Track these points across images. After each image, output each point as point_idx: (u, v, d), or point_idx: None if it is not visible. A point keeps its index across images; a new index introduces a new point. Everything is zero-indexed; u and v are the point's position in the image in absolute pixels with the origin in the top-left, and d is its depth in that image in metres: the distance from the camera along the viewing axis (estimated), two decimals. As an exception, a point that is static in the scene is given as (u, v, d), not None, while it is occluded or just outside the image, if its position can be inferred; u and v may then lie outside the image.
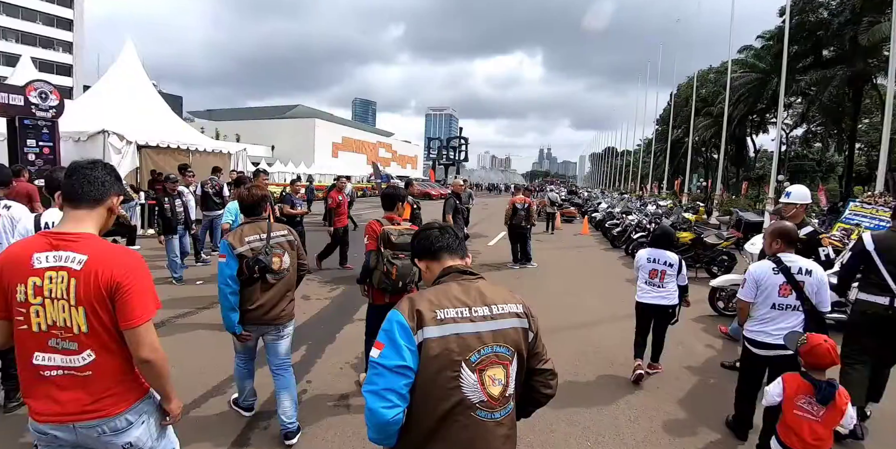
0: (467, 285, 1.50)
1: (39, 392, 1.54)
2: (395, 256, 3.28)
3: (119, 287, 1.52)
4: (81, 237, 1.55)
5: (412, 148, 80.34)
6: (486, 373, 1.38)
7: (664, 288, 4.13)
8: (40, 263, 1.50)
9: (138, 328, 1.55)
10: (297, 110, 68.74)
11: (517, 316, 1.49)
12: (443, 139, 77.70)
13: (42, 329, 1.51)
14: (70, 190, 1.59)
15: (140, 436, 1.66)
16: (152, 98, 13.58)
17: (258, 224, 3.00)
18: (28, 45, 52.51)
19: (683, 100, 38.92)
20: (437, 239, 1.62)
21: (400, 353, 1.33)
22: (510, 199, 8.67)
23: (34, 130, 9.26)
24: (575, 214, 19.64)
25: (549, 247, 11.77)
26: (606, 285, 7.86)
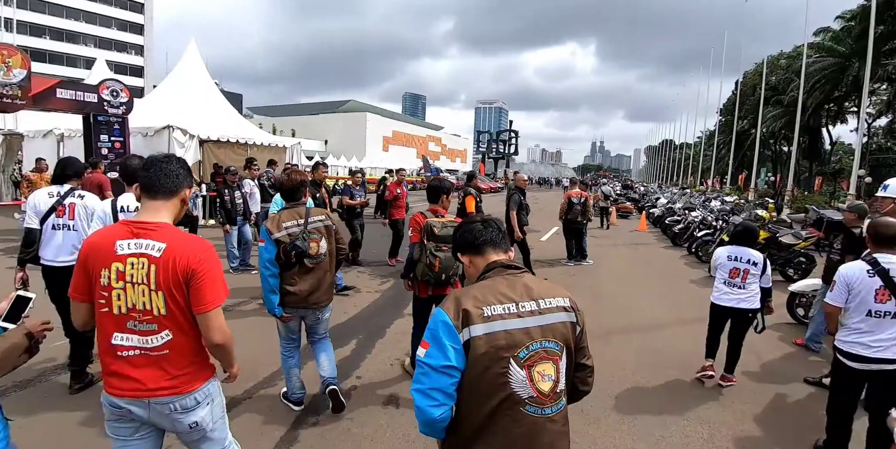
0: (513, 280, 1.46)
1: (118, 370, 1.65)
2: (437, 248, 3.24)
3: (194, 274, 1.62)
4: (159, 227, 1.65)
5: (461, 141, 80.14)
6: (535, 369, 1.35)
7: (745, 289, 3.77)
8: (122, 250, 1.61)
9: (210, 313, 1.65)
10: (350, 105, 70.05)
11: (565, 310, 1.45)
12: (492, 132, 76.92)
13: (122, 311, 1.62)
14: (148, 182, 1.70)
15: (205, 417, 1.76)
16: (213, 95, 14.10)
17: (296, 210, 3.06)
18: (104, 49, 56.34)
19: (750, 88, 36.50)
20: (481, 233, 1.58)
21: (445, 353, 1.33)
22: (566, 193, 8.31)
23: (106, 126, 9.81)
24: (631, 210, 18.78)
25: (604, 243, 11.28)
26: (669, 286, 7.39)
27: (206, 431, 1.79)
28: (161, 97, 13.18)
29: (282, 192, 3.23)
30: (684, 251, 10.31)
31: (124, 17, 60.94)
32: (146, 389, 1.64)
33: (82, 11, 57.32)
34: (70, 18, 56.46)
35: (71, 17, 56.60)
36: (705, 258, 9.02)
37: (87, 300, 1.68)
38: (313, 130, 53.93)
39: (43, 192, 3.51)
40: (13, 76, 8.36)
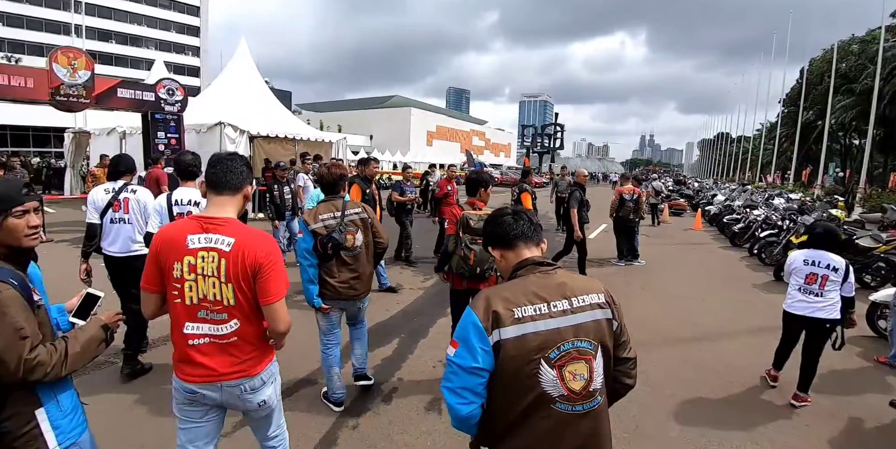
0: (546, 278, 1.42)
1: (190, 357, 1.75)
2: (473, 240, 3.21)
3: (261, 267, 1.72)
4: (227, 222, 1.75)
5: (506, 136, 79.25)
6: (567, 368, 1.33)
7: (823, 298, 3.41)
8: (194, 244, 1.70)
9: (276, 304, 1.76)
10: (394, 100, 70.51)
11: (599, 307, 1.41)
12: (537, 126, 75.52)
13: (194, 302, 1.72)
14: (214, 178, 1.78)
15: (270, 395, 1.91)
16: (263, 92, 14.44)
17: (333, 202, 3.10)
18: (164, 51, 59.70)
19: (817, 77, 34.04)
20: (511, 226, 1.52)
21: (473, 355, 1.32)
22: (616, 190, 7.90)
23: (163, 123, 10.21)
24: (685, 207, 17.76)
25: (657, 242, 10.74)
26: (730, 290, 6.88)
27: (272, 408, 1.95)
28: (213, 95, 13.62)
29: (321, 184, 3.27)
30: (744, 252, 9.64)
31: (182, 21, 64.04)
32: (218, 374, 1.76)
33: (144, 16, 60.56)
34: (133, 23, 59.81)
35: (134, 22, 59.96)
36: (769, 261, 8.40)
37: (158, 291, 1.77)
38: (359, 125, 54.68)
39: (100, 188, 3.73)
40: (78, 77, 8.81)
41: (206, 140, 11.08)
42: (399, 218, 7.57)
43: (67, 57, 8.69)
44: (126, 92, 9.62)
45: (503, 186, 32.87)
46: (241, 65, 14.18)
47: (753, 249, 9.03)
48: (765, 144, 45.61)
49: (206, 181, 1.83)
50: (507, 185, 33.15)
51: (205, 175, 1.85)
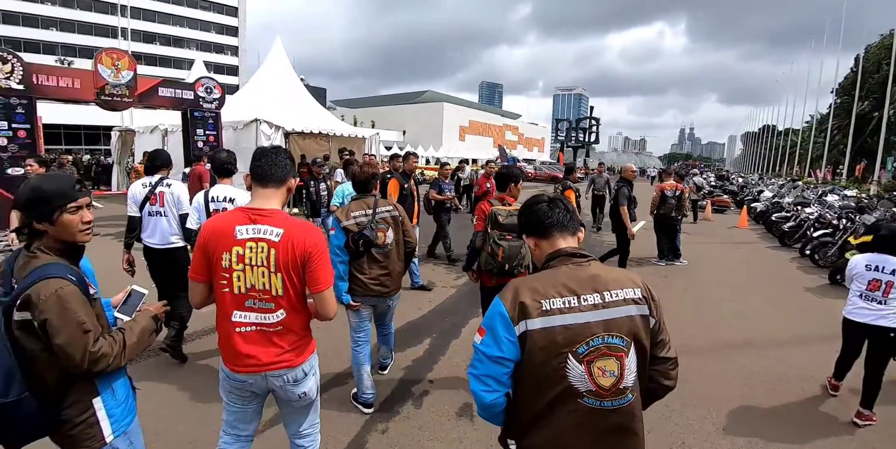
0: (578, 270, 1.37)
1: (236, 346, 1.80)
2: (501, 236, 3.17)
3: (310, 257, 1.77)
4: (274, 213, 1.79)
5: (539, 130, 78.17)
6: (596, 364, 1.28)
7: (887, 305, 3.13)
8: (242, 235, 1.74)
9: (325, 292, 1.84)
10: (427, 96, 70.55)
11: (635, 302, 1.34)
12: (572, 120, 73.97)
13: (242, 291, 1.76)
14: (260, 171, 1.83)
15: (311, 387, 1.94)
16: (298, 89, 14.60)
17: (365, 200, 3.15)
18: (204, 51, 61.62)
19: (874, 64, 32.01)
20: (546, 214, 1.48)
21: (499, 344, 1.31)
22: (657, 186, 7.53)
23: (201, 121, 10.43)
24: (729, 204, 16.92)
25: (699, 241, 10.23)
26: (780, 293, 6.46)
27: (311, 398, 1.98)
28: (250, 93, 13.86)
29: (354, 183, 3.30)
30: (795, 253, 9.07)
31: (221, 21, 65.96)
32: (262, 364, 1.80)
33: (185, 18, 62.66)
34: (175, 25, 61.90)
35: (176, 24, 62.04)
36: (823, 262, 7.88)
37: (206, 281, 1.82)
38: (392, 121, 55.05)
39: (138, 183, 3.89)
40: (122, 77, 9.07)
41: (243, 136, 11.28)
42: (438, 216, 7.40)
43: (111, 58, 8.96)
44: (167, 91, 9.87)
45: (537, 182, 32.44)
46: (276, 63, 14.38)
47: (805, 250, 8.49)
48: (814, 137, 43.22)
49: (251, 174, 1.86)
50: (542, 181, 32.80)
51: (250, 168, 1.87)
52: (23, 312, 1.39)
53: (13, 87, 7.92)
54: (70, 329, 1.39)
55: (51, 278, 1.40)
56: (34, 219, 1.46)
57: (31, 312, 1.38)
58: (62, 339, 1.38)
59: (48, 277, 1.40)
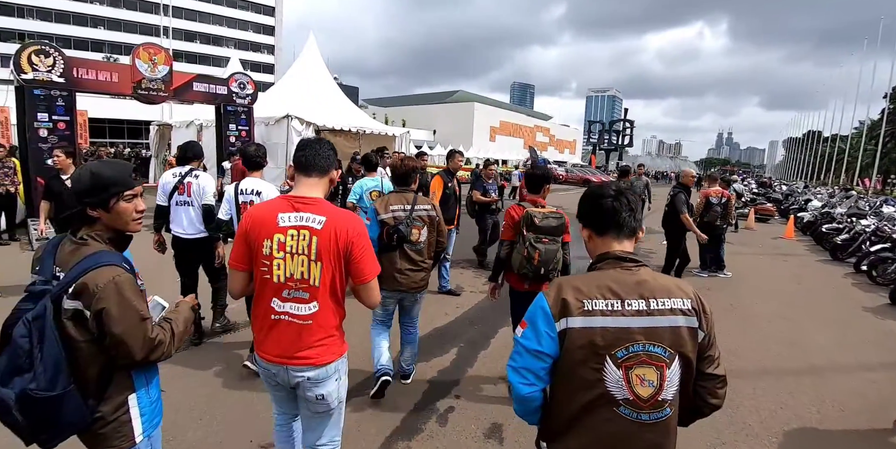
0: (625, 275, 1.32)
1: (268, 332, 1.78)
2: (538, 239, 3.05)
3: (353, 246, 1.73)
4: (316, 201, 1.77)
5: (571, 132, 77.05)
6: (634, 371, 1.25)
7: None
8: (284, 222, 1.72)
9: (371, 282, 1.82)
10: (458, 95, 70.49)
11: (683, 313, 1.28)
12: (604, 122, 72.72)
13: (281, 280, 1.73)
14: (304, 161, 1.82)
15: (332, 391, 1.85)
16: (330, 86, 14.57)
17: (404, 195, 3.16)
18: (242, 49, 63.52)
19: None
20: (610, 211, 1.39)
21: (539, 338, 1.29)
22: (702, 192, 7.05)
23: (234, 116, 10.49)
24: (772, 212, 16.02)
25: (743, 251, 9.61)
26: (836, 313, 5.93)
27: (330, 406, 1.88)
28: (282, 89, 13.90)
29: (393, 176, 3.30)
30: (849, 268, 8.44)
31: (258, 21, 67.78)
32: (286, 356, 1.77)
33: (224, 17, 64.61)
34: (215, 24, 63.74)
35: (215, 23, 63.93)
36: (882, 280, 7.25)
37: (246, 269, 1.79)
38: (422, 120, 55.18)
39: (168, 173, 4.01)
40: (158, 72, 9.16)
41: (274, 132, 11.29)
42: (482, 219, 6.96)
43: (148, 53, 9.05)
44: (201, 86, 9.95)
45: (569, 185, 31.75)
46: (309, 60, 14.37)
47: (861, 265, 7.88)
48: (864, 145, 40.96)
49: (294, 164, 1.87)
50: (573, 184, 32.08)
51: (293, 158, 1.88)
52: (74, 301, 1.35)
53: (54, 80, 8.06)
54: (129, 318, 1.37)
55: (106, 266, 1.38)
56: (90, 205, 1.44)
57: (85, 301, 1.34)
58: (121, 328, 1.36)
59: (103, 265, 1.38)
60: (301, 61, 14.55)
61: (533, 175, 3.43)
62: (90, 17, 54.93)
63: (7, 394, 1.29)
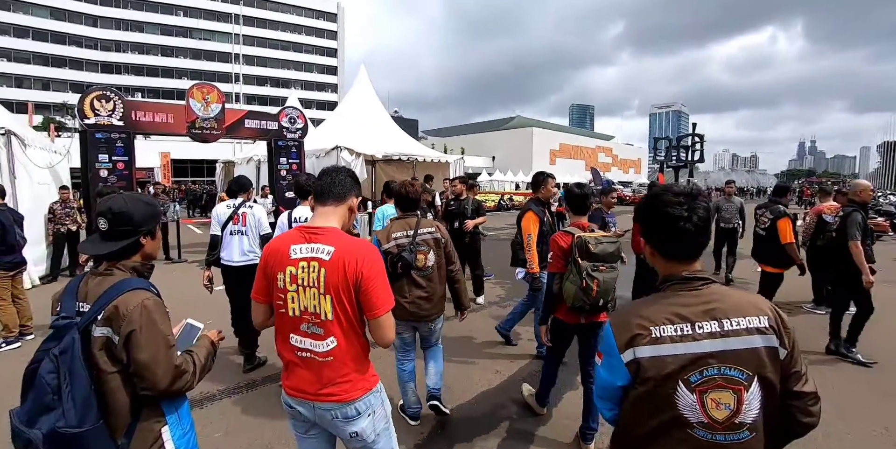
0: (693, 296, 1.25)
1: (291, 369, 1.73)
2: (595, 268, 2.74)
3: (364, 277, 1.63)
4: (328, 231, 1.71)
5: (635, 151, 74.32)
6: (709, 395, 1.18)
7: None
8: (296, 254, 1.67)
9: (383, 317, 1.68)
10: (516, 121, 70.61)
11: (760, 332, 1.19)
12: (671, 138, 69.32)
13: (296, 314, 1.67)
14: (319, 189, 1.81)
15: (365, 427, 1.74)
16: (381, 116, 14.48)
17: (407, 220, 3.03)
18: (307, 90, 67.92)
19: None
20: (679, 233, 1.25)
21: (610, 370, 1.28)
22: (813, 209, 5.84)
23: (285, 150, 10.45)
24: (886, 229, 13.71)
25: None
26: None
27: (366, 441, 1.77)
28: (334, 121, 13.98)
29: (398, 201, 3.15)
30: None
31: (322, 62, 72.22)
32: (311, 393, 1.68)
33: (291, 62, 69.19)
34: (283, 68, 68.35)
35: (283, 68, 68.53)
36: None
37: (267, 301, 1.75)
38: (481, 147, 55.59)
39: (222, 205, 4.24)
40: (211, 111, 9.29)
41: (325, 164, 11.12)
42: None
43: (202, 92, 9.23)
44: (252, 122, 10.00)
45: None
46: (360, 91, 14.42)
47: None
48: None
49: (313, 193, 1.85)
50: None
51: (313, 186, 1.86)
52: (104, 328, 1.36)
53: (114, 124, 8.32)
54: (155, 343, 1.38)
55: (136, 290, 1.40)
56: (146, 233, 1.53)
57: (115, 326, 1.35)
58: (147, 353, 1.36)
59: (133, 289, 1.40)
60: (353, 94, 14.63)
61: (574, 195, 3.13)
62: (175, 70, 60.69)
63: (35, 435, 1.25)
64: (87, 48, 56.88)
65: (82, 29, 56.21)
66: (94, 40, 57.18)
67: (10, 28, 51.98)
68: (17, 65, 52.69)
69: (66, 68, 55.42)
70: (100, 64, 57.73)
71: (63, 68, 55.17)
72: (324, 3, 73.15)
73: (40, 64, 54.03)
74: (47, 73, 53.79)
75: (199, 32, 62.98)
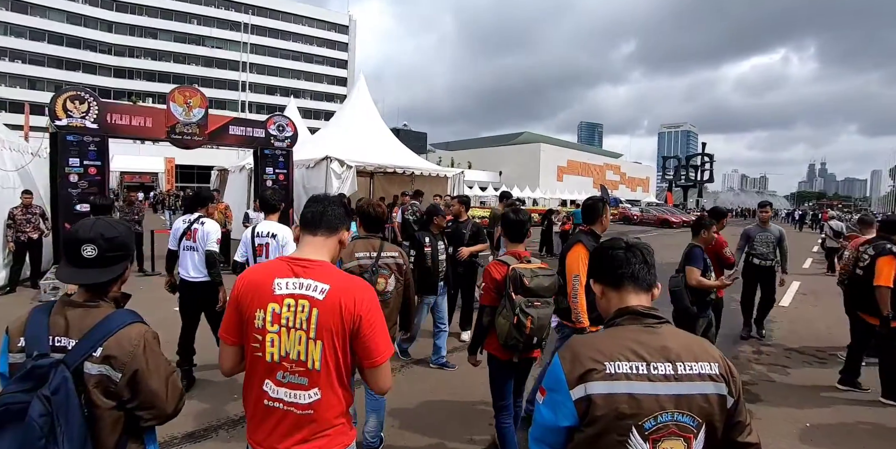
0: (647, 334, 1.21)
1: (260, 420, 1.50)
2: (529, 303, 2.54)
3: (362, 322, 1.45)
4: (321, 265, 1.52)
5: (643, 169, 73.74)
6: (662, 444, 1.13)
7: None
8: (281, 290, 1.46)
9: (382, 366, 1.51)
10: (524, 137, 70.52)
11: (711, 379, 1.16)
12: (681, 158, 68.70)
13: (275, 359, 1.44)
14: (309, 217, 1.62)
15: None
16: (378, 128, 13.92)
17: (371, 241, 2.93)
18: (318, 100, 67.78)
19: None
20: (623, 262, 1.32)
21: (555, 408, 1.19)
22: (853, 242, 5.06)
23: (272, 159, 9.89)
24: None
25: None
26: None
27: None
28: (328, 131, 13.47)
29: (363, 220, 3.04)
30: None
31: (332, 73, 72.74)
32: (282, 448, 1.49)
33: (302, 72, 69.84)
34: (293, 78, 69.01)
35: (294, 78, 69.16)
36: None
37: (237, 343, 1.52)
38: (488, 162, 55.38)
39: (179, 219, 4.22)
40: (193, 116, 8.75)
41: (313, 175, 10.61)
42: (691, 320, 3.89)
43: (184, 96, 8.70)
44: (237, 129, 9.46)
45: (645, 226, 28.96)
46: (358, 102, 13.88)
47: None
48: None
49: (300, 221, 1.64)
50: (650, 225, 29.23)
51: (301, 215, 1.68)
52: (101, 366, 1.30)
53: (88, 126, 7.79)
54: (163, 372, 1.38)
55: (132, 324, 1.37)
56: (131, 259, 1.50)
57: (115, 364, 1.30)
58: (156, 383, 1.35)
59: (129, 324, 1.36)
60: (350, 104, 14.10)
61: (511, 221, 2.85)
62: (187, 77, 61.18)
63: None
64: (101, 53, 57.53)
65: (97, 34, 56.91)
66: (108, 45, 57.84)
67: (27, 31, 52.63)
68: (32, 67, 53.27)
69: (80, 72, 55.95)
70: (113, 68, 58.31)
71: (76, 72, 55.70)
72: (336, 16, 73.89)
73: (54, 67, 54.60)
74: (61, 75, 54.20)
75: (212, 40, 63.65)
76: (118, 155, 33.15)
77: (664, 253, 13.67)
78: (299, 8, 70.39)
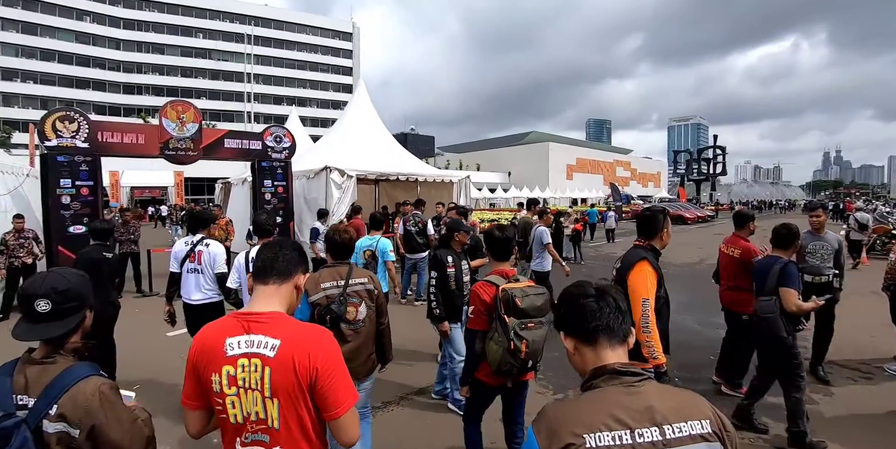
0: (629, 395, 1.10)
1: None
2: (523, 325, 2.38)
3: (319, 376, 1.38)
4: (272, 318, 1.44)
5: (654, 164, 72.68)
6: None
7: None
8: (233, 350, 1.40)
9: (344, 417, 1.42)
10: (532, 136, 70.02)
11: (704, 439, 1.05)
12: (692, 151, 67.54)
13: (238, 421, 1.41)
14: (259, 265, 1.55)
15: None
16: (380, 134, 13.59)
17: (338, 269, 2.73)
18: (324, 108, 68.27)
19: None
20: (594, 313, 1.21)
21: None
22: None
23: (270, 171, 9.63)
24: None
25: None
26: None
27: None
28: (328, 140, 13.17)
29: (331, 248, 2.82)
30: None
31: (338, 81, 73.05)
32: None
33: (307, 80, 70.36)
34: (299, 87, 69.51)
35: (300, 87, 69.64)
36: None
37: (199, 407, 1.47)
38: (497, 163, 55.01)
39: (181, 241, 4.15)
40: (186, 130, 8.53)
41: (313, 186, 10.32)
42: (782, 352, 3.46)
43: (176, 111, 8.48)
44: (233, 142, 9.21)
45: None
46: (359, 109, 13.55)
47: None
48: None
49: (252, 273, 1.57)
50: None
51: (252, 265, 1.69)
52: (58, 424, 1.28)
53: (78, 146, 7.60)
54: (124, 422, 1.35)
55: (85, 379, 1.33)
56: (90, 306, 1.48)
57: (71, 421, 1.28)
58: (118, 433, 1.33)
59: (82, 378, 1.33)
60: (351, 112, 13.79)
61: (496, 239, 2.78)
62: (195, 90, 61.77)
63: None
64: (110, 70, 58.35)
65: (106, 52, 57.76)
66: (116, 62, 58.67)
67: (37, 51, 53.54)
68: (44, 87, 54.16)
69: (90, 90, 56.79)
70: (122, 85, 59.11)
71: (87, 90, 56.56)
72: (339, 23, 74.15)
73: (65, 86, 55.49)
74: (72, 94, 55.08)
75: (218, 53, 64.25)
76: (128, 170, 33.39)
77: (679, 252, 13.11)
78: (302, 17, 70.92)
